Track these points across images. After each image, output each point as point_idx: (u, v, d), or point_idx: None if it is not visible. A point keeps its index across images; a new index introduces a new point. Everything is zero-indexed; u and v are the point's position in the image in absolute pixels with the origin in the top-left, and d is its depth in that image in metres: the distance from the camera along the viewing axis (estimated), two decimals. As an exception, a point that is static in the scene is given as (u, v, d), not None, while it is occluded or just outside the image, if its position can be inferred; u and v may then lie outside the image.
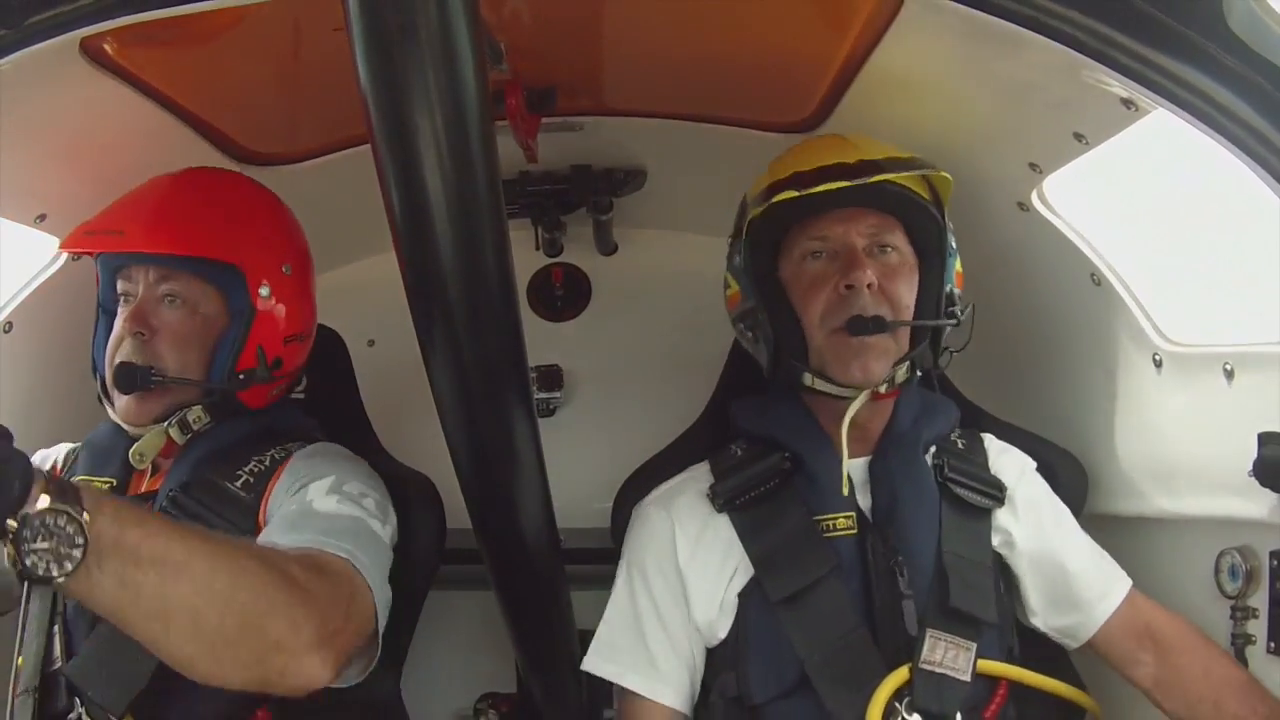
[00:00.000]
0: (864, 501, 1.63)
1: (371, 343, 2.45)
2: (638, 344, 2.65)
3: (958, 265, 1.70)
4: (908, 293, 1.63)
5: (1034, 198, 1.91)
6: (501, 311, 1.34)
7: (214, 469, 1.62)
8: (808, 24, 1.90)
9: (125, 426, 1.63)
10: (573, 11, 1.90)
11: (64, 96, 1.65)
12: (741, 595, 1.59)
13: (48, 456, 1.77)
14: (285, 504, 1.55)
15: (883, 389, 1.61)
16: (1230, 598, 1.64)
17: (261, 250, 1.66)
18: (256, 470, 1.62)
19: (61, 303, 1.98)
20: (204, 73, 1.88)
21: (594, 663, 1.66)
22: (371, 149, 1.15)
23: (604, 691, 2.42)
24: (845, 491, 1.60)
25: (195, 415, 1.63)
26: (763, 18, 1.85)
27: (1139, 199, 1.99)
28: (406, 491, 1.75)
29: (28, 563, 0.96)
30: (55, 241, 1.97)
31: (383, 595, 1.47)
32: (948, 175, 1.66)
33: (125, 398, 1.60)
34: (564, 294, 2.73)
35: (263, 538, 1.49)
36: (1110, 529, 1.80)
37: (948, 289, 1.67)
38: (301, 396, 2.02)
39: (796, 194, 1.57)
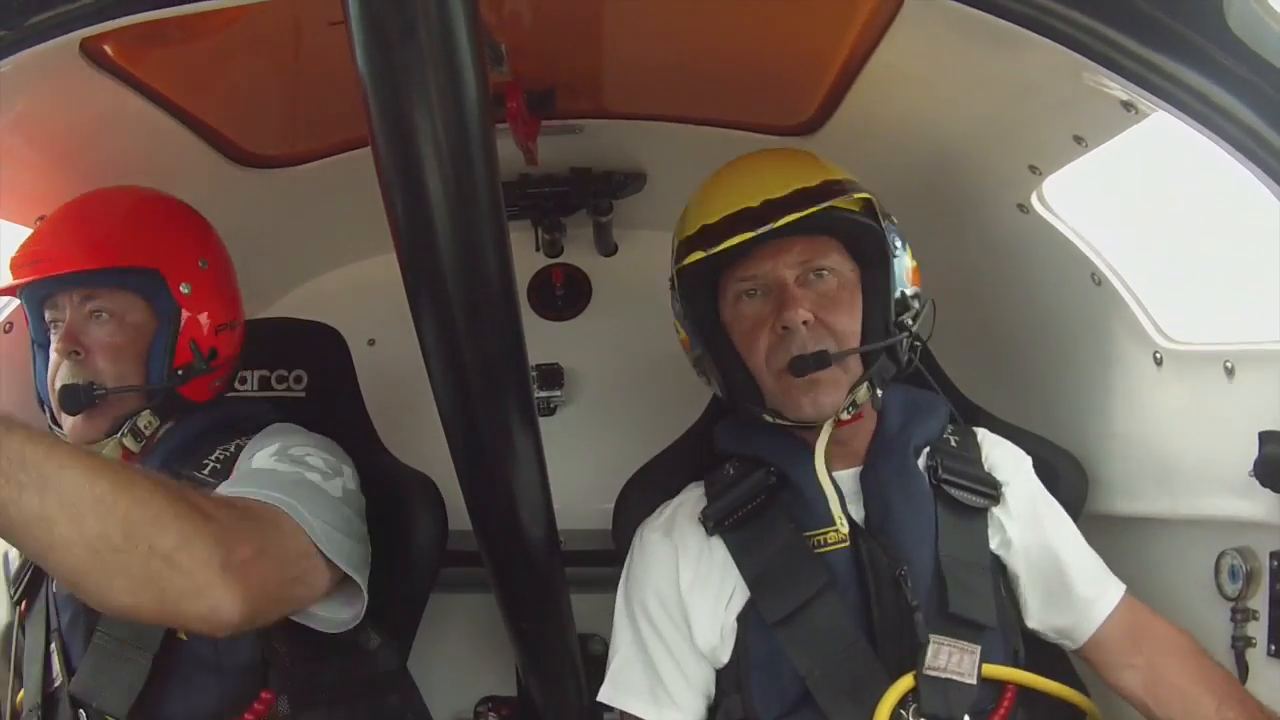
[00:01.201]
0: (857, 513, 1.61)
1: (372, 342, 2.45)
2: (638, 344, 2.65)
3: (908, 261, 1.65)
4: (848, 318, 1.59)
5: (1034, 199, 1.91)
6: (501, 311, 1.34)
7: (181, 463, 1.65)
8: (807, 26, 1.91)
9: (80, 447, 1.64)
10: (573, 14, 1.90)
11: (64, 97, 1.65)
12: (740, 618, 1.58)
13: None
14: (238, 469, 1.58)
15: (845, 415, 1.59)
16: (1230, 599, 1.64)
17: (175, 250, 1.70)
18: (222, 457, 1.65)
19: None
20: (204, 75, 1.88)
21: (609, 694, 1.64)
22: (372, 151, 1.15)
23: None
24: (836, 513, 1.57)
25: (145, 421, 1.67)
26: (762, 20, 1.85)
27: (1138, 200, 1.99)
28: (407, 493, 1.75)
29: None
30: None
31: (334, 537, 1.47)
32: (867, 195, 1.61)
33: (72, 419, 1.63)
34: (564, 294, 2.73)
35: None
36: (1110, 529, 1.80)
37: (897, 294, 1.62)
38: (302, 395, 2.03)
39: (704, 254, 1.55)
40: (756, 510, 1.63)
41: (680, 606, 1.61)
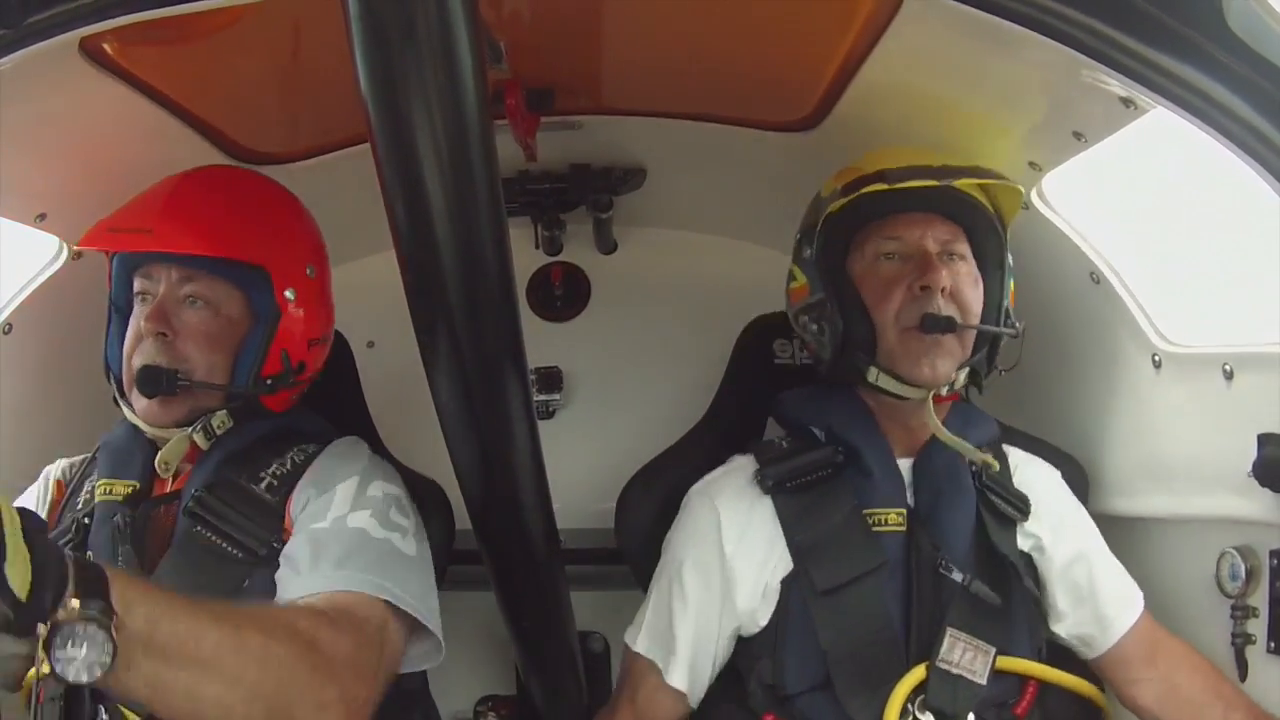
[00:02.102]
0: (909, 500, 1.66)
1: (371, 344, 2.44)
2: (638, 343, 2.65)
3: (1012, 284, 1.73)
4: (975, 299, 1.66)
5: (1033, 196, 1.91)
6: (501, 311, 1.34)
7: (236, 470, 1.60)
8: (807, 22, 1.90)
9: (145, 428, 1.61)
10: (572, 11, 1.90)
11: (64, 96, 1.65)
12: (784, 582, 1.61)
13: (47, 475, 1.74)
14: (313, 513, 1.54)
15: (944, 391, 1.64)
16: (1230, 597, 1.65)
17: (286, 252, 1.64)
18: (279, 473, 1.60)
19: (62, 303, 1.98)
20: (203, 72, 1.88)
21: (631, 633, 1.71)
22: (371, 148, 1.15)
23: (604, 692, 2.42)
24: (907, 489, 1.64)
25: (219, 420, 1.60)
26: (762, 17, 1.85)
27: (1138, 197, 1.99)
28: (415, 496, 1.75)
29: (58, 670, 0.95)
30: (55, 241, 1.97)
31: (427, 604, 1.49)
32: (1019, 189, 1.68)
33: (147, 400, 1.56)
34: (563, 294, 2.72)
35: (292, 549, 1.48)
36: (1110, 529, 1.80)
37: (1005, 302, 1.71)
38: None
39: (885, 186, 1.61)
40: (819, 481, 1.66)
41: (721, 571, 1.64)
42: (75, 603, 0.94)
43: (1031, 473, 1.77)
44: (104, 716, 1.50)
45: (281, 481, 1.59)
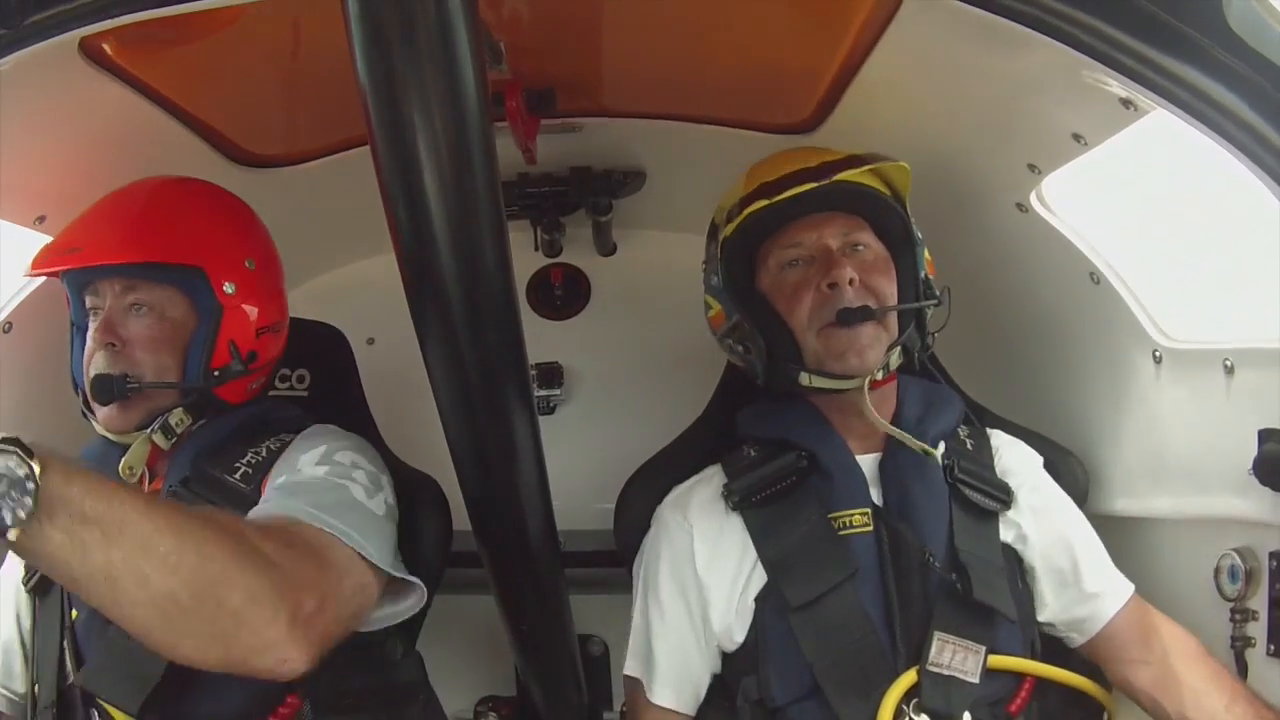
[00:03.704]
0: (876, 498, 1.65)
1: (371, 341, 2.44)
2: (637, 343, 2.65)
3: (927, 255, 1.75)
4: (887, 284, 1.68)
5: (1033, 198, 1.91)
6: (501, 311, 1.34)
7: (211, 462, 1.62)
8: (806, 25, 1.91)
9: (111, 437, 1.64)
10: (572, 13, 1.90)
11: (63, 96, 1.65)
12: (758, 599, 1.60)
13: None
14: (281, 475, 1.56)
15: (879, 375, 1.64)
16: (1230, 599, 1.64)
17: (221, 248, 1.67)
18: (254, 461, 1.63)
19: (61, 303, 1.97)
20: (203, 74, 1.88)
21: (627, 663, 1.71)
22: (371, 150, 1.15)
23: (604, 694, 2.42)
24: (873, 486, 1.64)
25: (177, 418, 1.64)
26: (761, 19, 1.85)
27: (1138, 199, 1.99)
28: (412, 494, 1.75)
29: None
30: (54, 242, 1.97)
31: (385, 554, 1.48)
32: (905, 165, 1.69)
33: (105, 408, 1.61)
34: (563, 294, 2.73)
35: (250, 514, 1.49)
36: (1110, 529, 1.80)
37: (922, 275, 1.72)
38: (305, 394, 2.03)
39: (767, 202, 1.63)
40: (783, 491, 1.66)
41: (696, 585, 1.64)
42: None
43: (1014, 456, 1.76)
44: (96, 717, 1.51)
45: (256, 469, 1.61)
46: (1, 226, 1.87)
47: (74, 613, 1.61)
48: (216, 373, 1.65)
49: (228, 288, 1.65)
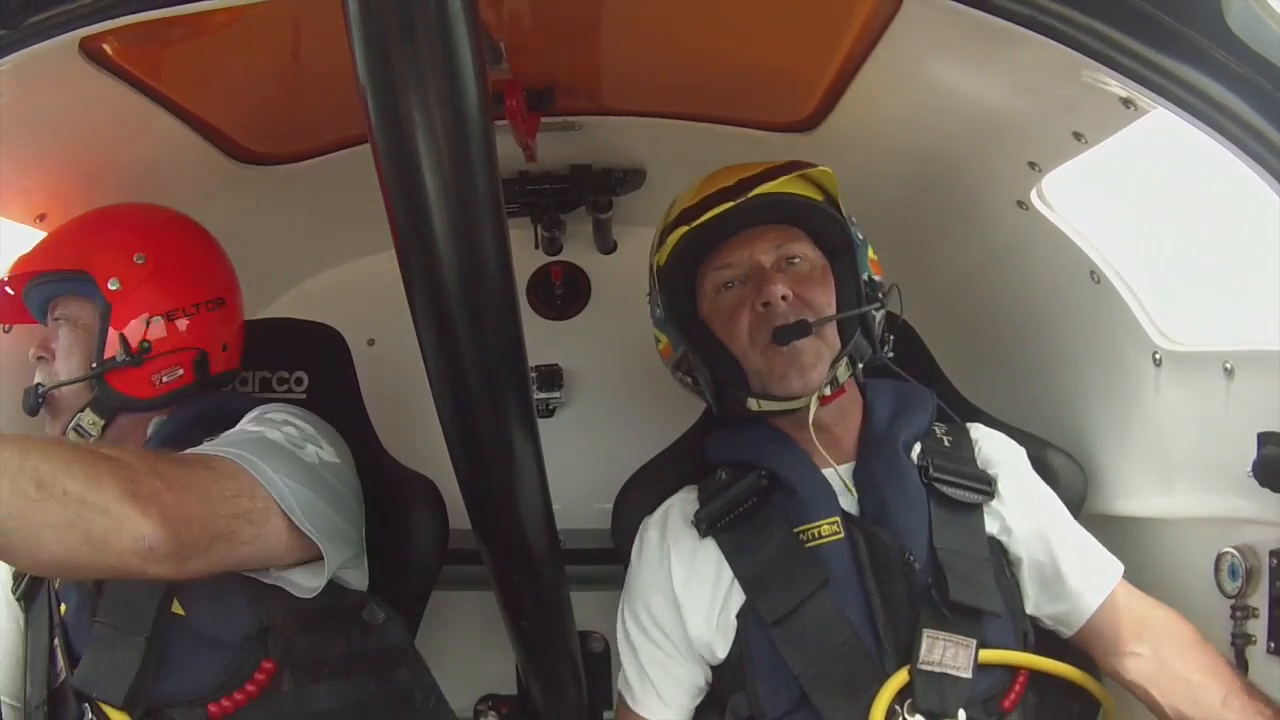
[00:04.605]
0: (851, 507, 1.64)
1: (371, 342, 2.45)
2: (637, 342, 2.63)
3: (871, 253, 1.73)
4: (823, 295, 1.66)
5: (1033, 196, 1.91)
6: (501, 311, 1.34)
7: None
8: (807, 24, 1.90)
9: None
10: (572, 12, 1.90)
11: (63, 96, 1.65)
12: (739, 616, 1.60)
13: None
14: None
15: (828, 391, 1.63)
16: (1230, 597, 1.64)
17: (103, 250, 1.73)
18: None
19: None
20: (204, 73, 1.88)
21: (620, 683, 1.72)
22: (371, 149, 1.15)
23: (604, 693, 2.42)
24: (840, 490, 1.63)
25: (89, 420, 1.71)
26: (762, 17, 1.85)
27: (1138, 197, 1.99)
28: (408, 494, 1.75)
29: None
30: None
31: (297, 492, 1.49)
32: (827, 169, 1.67)
33: (46, 421, 1.72)
34: (563, 293, 2.73)
35: None
36: (1110, 529, 1.80)
37: (865, 277, 1.70)
38: (303, 397, 2.03)
39: (687, 227, 1.63)
40: (749, 512, 1.66)
41: (674, 604, 1.64)
42: None
43: (994, 447, 1.75)
44: (90, 716, 1.52)
45: None
46: (1, 226, 1.87)
47: (63, 607, 1.63)
48: (94, 365, 1.69)
49: (112, 284, 1.70)
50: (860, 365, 1.68)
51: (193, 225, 1.86)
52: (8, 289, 1.80)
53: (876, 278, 1.72)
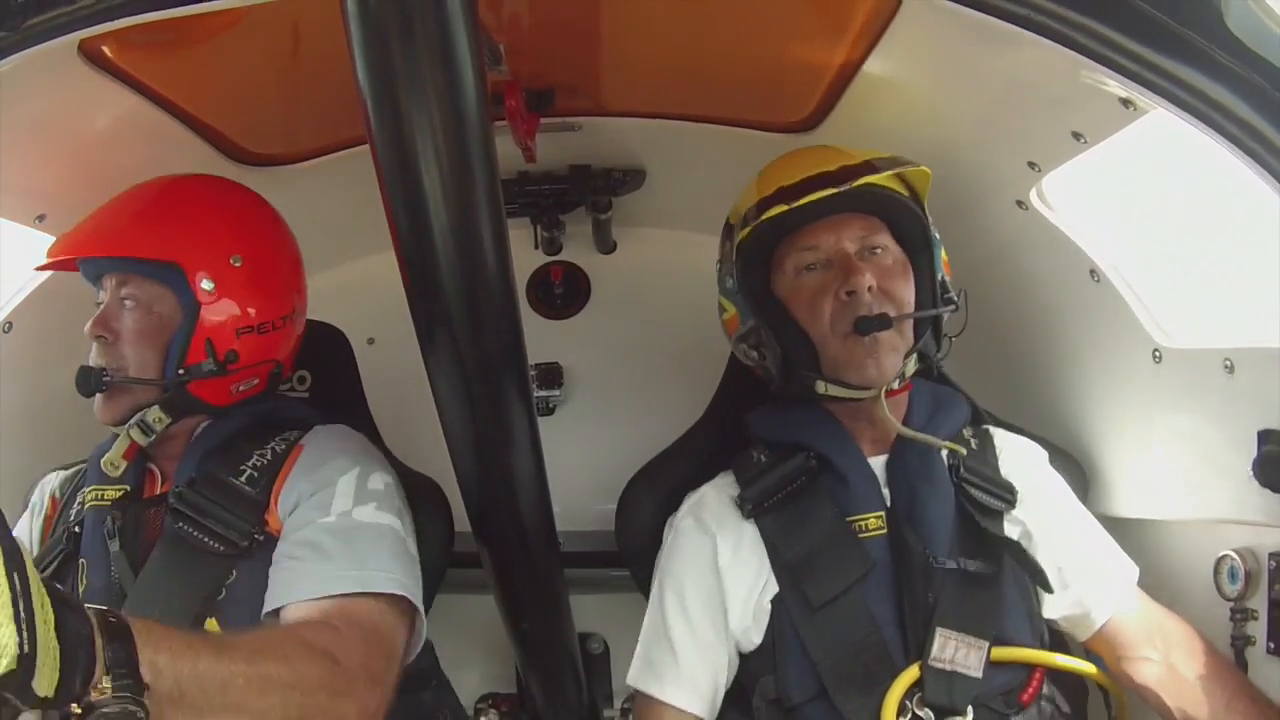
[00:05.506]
0: (885, 499, 1.65)
1: (371, 341, 2.45)
2: (637, 342, 2.65)
3: (944, 254, 1.74)
4: (905, 289, 1.66)
5: (1033, 196, 1.91)
6: (501, 310, 1.34)
7: (217, 464, 1.62)
8: (806, 24, 1.90)
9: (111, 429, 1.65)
10: (571, 13, 1.90)
11: (63, 98, 1.65)
12: (774, 602, 1.60)
13: (44, 487, 1.78)
14: (315, 505, 1.56)
15: (896, 384, 1.64)
16: (1229, 599, 1.64)
17: (201, 245, 1.64)
18: (259, 464, 1.62)
19: (61, 303, 1.98)
20: (203, 74, 1.88)
21: (633, 677, 1.68)
22: (370, 149, 1.15)
23: (604, 693, 2.42)
24: (882, 492, 1.64)
25: (155, 416, 1.62)
26: (761, 18, 1.85)
27: (1138, 197, 1.99)
28: (414, 496, 1.75)
29: None
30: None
31: (420, 595, 1.56)
32: (926, 169, 1.68)
33: (95, 399, 1.62)
34: (563, 292, 2.73)
35: (299, 544, 1.52)
36: (1109, 529, 1.80)
37: (940, 278, 1.71)
38: (306, 395, 2.03)
39: (785, 208, 1.61)
40: (796, 493, 1.66)
41: (718, 589, 1.63)
42: (106, 682, 0.97)
43: (1017, 454, 1.76)
44: None
45: (262, 473, 1.61)
46: (2, 226, 1.87)
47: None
48: (182, 371, 1.62)
49: (205, 285, 1.62)
50: (930, 362, 1.70)
51: (280, 222, 1.79)
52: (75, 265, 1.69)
53: (948, 279, 1.73)
